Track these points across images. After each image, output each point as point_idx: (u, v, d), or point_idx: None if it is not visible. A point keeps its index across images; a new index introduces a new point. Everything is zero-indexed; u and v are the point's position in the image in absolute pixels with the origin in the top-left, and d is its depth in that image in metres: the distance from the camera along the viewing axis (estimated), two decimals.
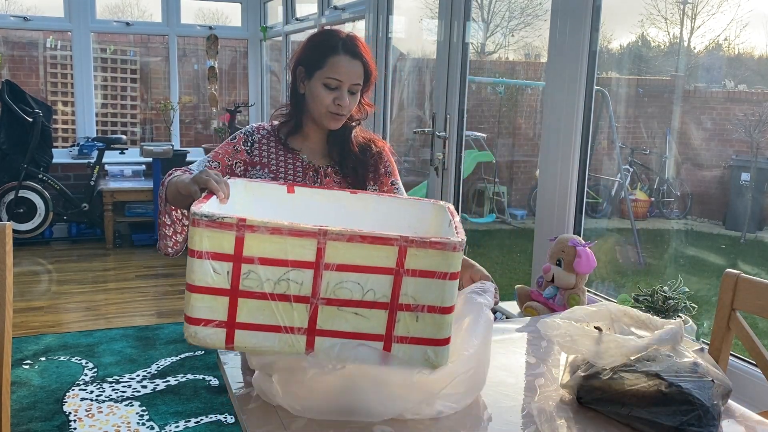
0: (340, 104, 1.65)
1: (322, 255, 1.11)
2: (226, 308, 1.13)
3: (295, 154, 1.75)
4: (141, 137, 6.73)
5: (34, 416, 2.81)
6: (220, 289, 1.12)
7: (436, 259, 1.12)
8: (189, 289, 1.13)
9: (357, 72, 1.66)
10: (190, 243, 1.12)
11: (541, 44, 6.24)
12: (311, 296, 1.13)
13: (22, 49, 6.42)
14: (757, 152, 4.72)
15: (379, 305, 1.14)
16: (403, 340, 1.15)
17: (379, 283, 1.13)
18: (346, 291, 1.13)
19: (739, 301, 1.52)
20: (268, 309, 1.13)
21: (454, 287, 1.14)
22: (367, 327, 1.15)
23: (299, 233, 1.11)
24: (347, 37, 1.67)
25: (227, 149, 1.72)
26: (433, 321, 1.14)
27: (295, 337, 1.14)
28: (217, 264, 1.11)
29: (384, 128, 3.66)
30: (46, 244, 5.52)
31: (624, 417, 1.19)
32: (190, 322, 1.14)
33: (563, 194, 2.28)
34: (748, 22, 4.68)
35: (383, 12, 3.52)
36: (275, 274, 1.12)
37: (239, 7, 6.28)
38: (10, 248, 1.54)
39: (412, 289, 1.13)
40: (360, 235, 1.11)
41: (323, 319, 1.14)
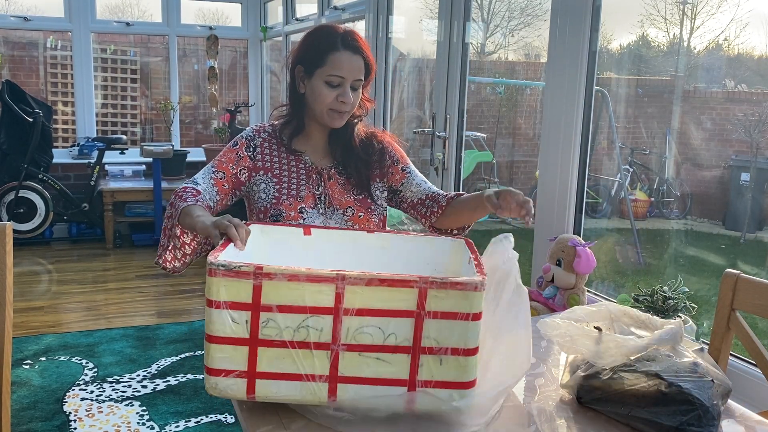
0: (344, 101, 1.63)
1: (341, 300, 1.10)
2: (245, 358, 1.12)
3: (298, 156, 1.73)
4: (141, 137, 6.73)
5: (34, 416, 2.81)
6: (239, 339, 1.11)
7: (458, 300, 1.09)
8: (208, 339, 1.13)
9: (358, 67, 1.64)
10: (207, 293, 1.11)
11: (541, 44, 6.24)
12: (332, 342, 1.11)
13: (22, 49, 6.43)
14: (757, 152, 4.72)
15: (401, 349, 1.11)
16: (427, 385, 1.12)
17: (401, 327, 1.11)
18: (367, 336, 1.11)
19: (739, 301, 1.52)
20: (289, 357, 1.12)
21: (477, 328, 1.11)
22: (389, 372, 1.12)
23: (317, 279, 1.09)
24: (346, 32, 1.65)
25: (230, 157, 1.70)
26: (457, 364, 1.11)
27: (316, 385, 1.12)
28: (236, 313, 1.10)
29: (384, 128, 3.66)
30: (46, 244, 5.52)
31: (624, 417, 1.19)
32: (211, 373, 1.13)
33: (563, 194, 2.28)
34: (747, 22, 4.68)
35: (383, 12, 3.52)
36: (294, 322, 1.11)
37: (239, 7, 6.28)
38: (10, 248, 1.54)
39: (434, 332, 1.11)
40: (379, 278, 1.09)
41: (345, 366, 1.12)
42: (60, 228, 5.62)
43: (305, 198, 1.68)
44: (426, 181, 1.81)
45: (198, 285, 4.60)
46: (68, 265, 5.01)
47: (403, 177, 1.78)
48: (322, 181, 1.71)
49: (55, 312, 4.06)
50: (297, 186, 1.69)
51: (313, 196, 1.69)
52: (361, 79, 1.65)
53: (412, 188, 1.77)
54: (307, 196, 1.69)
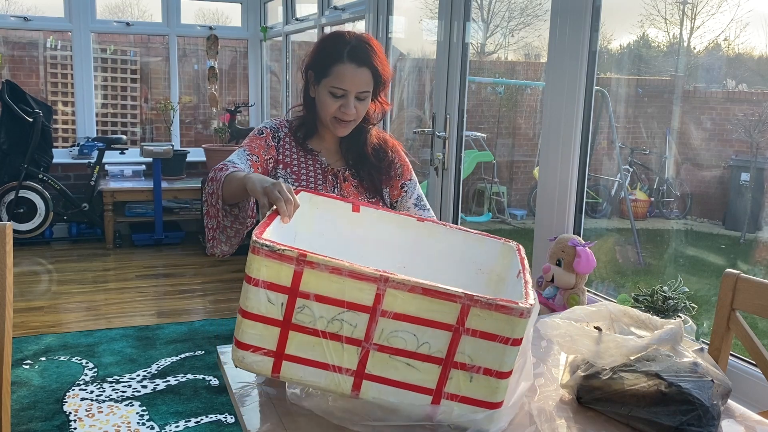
0: (346, 113, 1.62)
1: (380, 301, 1.08)
2: (276, 339, 1.11)
3: (314, 156, 1.73)
4: (141, 137, 6.73)
5: (34, 416, 2.81)
6: (272, 319, 1.10)
7: (500, 323, 1.06)
8: (242, 314, 1.12)
9: (363, 80, 1.62)
10: (247, 269, 1.10)
11: (541, 44, 6.25)
12: (364, 340, 1.10)
13: (22, 49, 6.42)
14: (757, 152, 4.72)
15: (433, 359, 1.10)
16: (453, 398, 1.11)
17: (436, 338, 1.08)
18: (401, 340, 1.09)
19: (739, 301, 1.52)
20: (318, 346, 1.11)
21: (514, 353, 1.09)
22: (417, 379, 1.11)
23: (359, 276, 1.07)
24: (356, 42, 1.62)
25: (260, 143, 1.69)
26: (487, 384, 1.09)
27: (342, 377, 1.12)
28: (273, 294, 1.09)
29: (384, 128, 3.67)
30: (46, 244, 5.52)
31: (624, 417, 1.19)
32: (239, 347, 1.13)
33: (563, 194, 2.28)
34: (748, 23, 4.68)
35: (383, 12, 3.52)
36: (330, 313, 1.09)
37: (239, 7, 6.28)
38: (10, 248, 1.54)
39: (469, 349, 1.08)
40: (423, 287, 1.06)
41: (373, 364, 1.11)
42: (60, 228, 5.62)
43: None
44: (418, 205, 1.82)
45: (198, 285, 4.60)
46: (68, 265, 5.01)
47: (399, 194, 1.80)
48: (338, 182, 1.72)
49: (55, 312, 4.06)
50: (315, 186, 1.70)
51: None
52: (367, 91, 1.63)
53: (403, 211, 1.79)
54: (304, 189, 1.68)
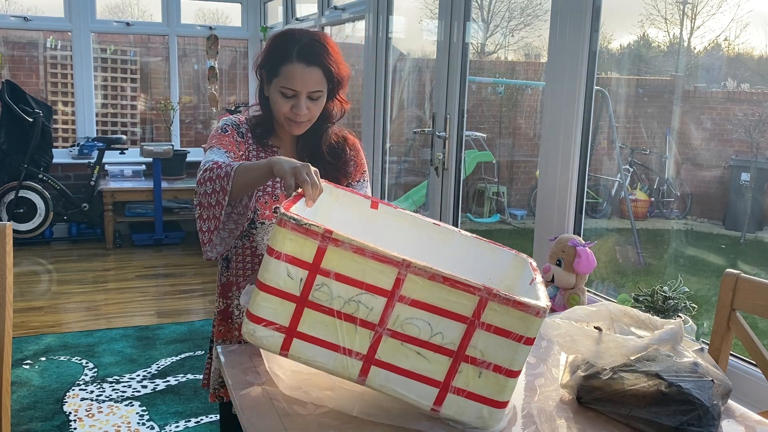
0: (297, 113, 1.58)
1: (400, 286, 1.08)
2: (290, 315, 1.11)
3: (273, 153, 1.70)
4: (141, 137, 6.73)
5: (34, 416, 2.81)
6: (289, 294, 1.10)
7: (516, 320, 1.06)
8: (258, 286, 1.11)
9: (314, 79, 1.57)
10: (271, 242, 1.10)
11: (541, 44, 6.25)
12: (378, 324, 1.10)
13: (22, 49, 6.42)
14: (757, 152, 4.72)
15: (444, 350, 1.09)
16: (460, 392, 1.10)
17: (450, 329, 1.08)
18: (414, 328, 1.09)
19: (739, 301, 1.52)
20: (332, 326, 1.10)
21: (526, 352, 1.09)
22: (426, 369, 1.10)
23: (382, 259, 1.07)
24: (306, 41, 1.57)
25: (230, 140, 1.64)
26: (496, 381, 1.09)
27: (350, 361, 1.11)
28: (294, 269, 1.09)
29: (384, 128, 3.66)
30: (46, 244, 5.52)
31: (624, 417, 1.19)
32: (251, 319, 1.12)
33: (563, 194, 2.28)
34: (748, 22, 4.68)
35: (383, 12, 3.52)
36: (348, 293, 1.09)
37: (239, 7, 6.28)
38: (10, 248, 1.54)
39: (482, 344, 1.08)
40: (443, 276, 1.07)
41: (384, 350, 1.10)
42: (60, 228, 5.62)
43: (281, 198, 1.65)
44: None
45: (198, 285, 4.60)
46: (68, 265, 5.01)
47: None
48: None
49: (55, 312, 4.06)
50: (273, 185, 1.66)
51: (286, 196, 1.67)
52: (320, 91, 1.59)
53: None
54: (282, 195, 1.65)
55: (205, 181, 1.49)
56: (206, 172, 1.49)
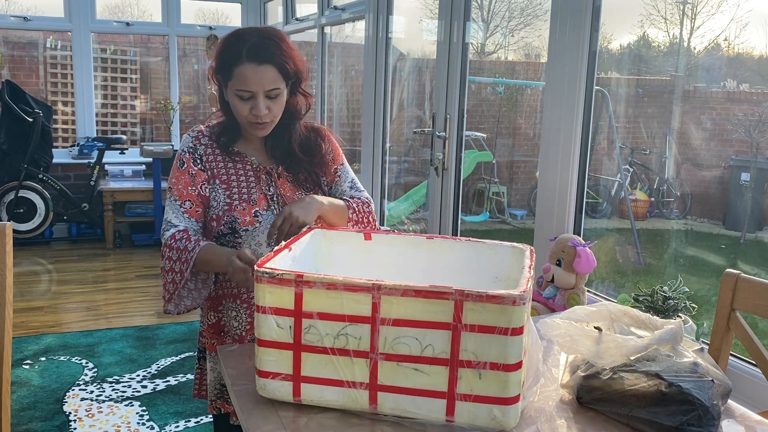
0: (257, 114, 1.54)
1: (378, 309, 1.11)
2: (290, 362, 1.16)
3: (243, 158, 1.66)
4: (141, 137, 6.73)
5: (34, 416, 2.81)
6: (284, 343, 1.16)
7: (495, 314, 1.07)
8: (258, 343, 1.18)
9: (268, 78, 1.52)
10: (256, 299, 1.16)
11: (541, 44, 6.25)
12: (370, 351, 1.12)
13: (22, 49, 6.43)
14: (757, 152, 4.72)
15: (439, 361, 1.11)
16: (466, 398, 1.11)
17: (438, 339, 1.10)
18: (404, 346, 1.11)
19: (739, 301, 1.52)
20: (330, 363, 1.15)
21: (517, 343, 1.08)
22: (428, 383, 1.12)
23: (353, 288, 1.11)
24: (256, 39, 1.53)
25: (185, 180, 1.61)
26: (497, 379, 1.09)
27: (357, 392, 1.14)
28: (280, 319, 1.15)
29: (384, 128, 3.66)
30: (46, 244, 5.52)
31: (624, 417, 1.19)
32: (260, 375, 1.19)
33: (563, 194, 2.28)
34: (747, 22, 4.69)
35: (383, 12, 3.52)
36: (334, 329, 1.13)
37: (239, 7, 6.28)
38: (10, 248, 1.54)
39: (472, 345, 1.09)
40: (414, 290, 1.09)
41: (384, 374, 1.13)
42: (60, 228, 5.62)
43: (258, 201, 1.63)
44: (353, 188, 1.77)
45: None
46: (68, 265, 5.01)
47: (333, 179, 1.75)
48: (273, 180, 1.66)
49: (55, 312, 4.06)
50: (248, 189, 1.63)
51: (265, 198, 1.64)
52: (277, 88, 1.54)
53: (337, 195, 1.74)
54: (260, 198, 1.63)
55: (166, 251, 1.56)
56: (165, 246, 1.57)
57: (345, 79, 6.12)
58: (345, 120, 6.06)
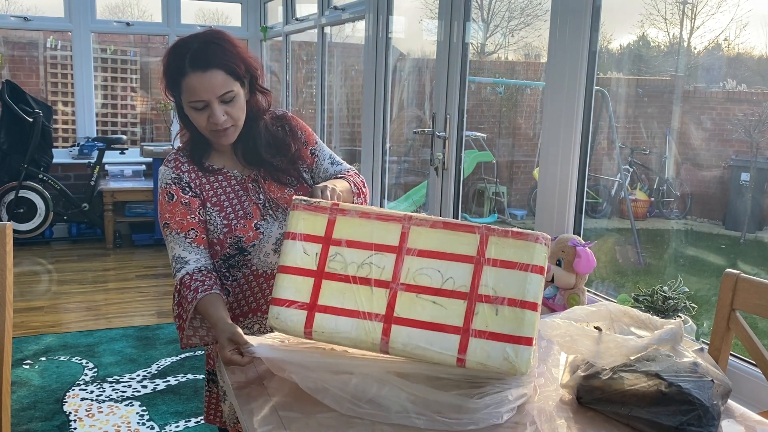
0: (216, 122, 1.49)
1: (405, 239, 1.15)
2: (310, 289, 1.19)
3: (225, 174, 1.61)
4: (141, 137, 6.73)
5: (34, 416, 2.81)
6: (307, 270, 1.19)
7: (519, 250, 1.11)
8: (280, 270, 1.22)
9: (217, 82, 1.46)
10: (287, 226, 1.24)
11: (541, 44, 6.25)
12: (391, 281, 1.15)
13: (22, 49, 6.43)
14: (757, 152, 4.72)
15: (457, 294, 1.13)
16: (481, 335, 1.12)
17: (460, 272, 1.13)
18: (426, 278, 1.14)
19: (739, 301, 1.52)
20: (350, 292, 1.17)
21: (536, 281, 1.11)
22: (444, 317, 1.13)
23: (386, 217, 1.17)
24: (197, 46, 1.48)
25: (182, 211, 1.55)
26: (513, 315, 1.11)
27: (372, 324, 1.15)
28: (309, 245, 1.20)
29: (384, 128, 3.66)
30: (46, 244, 5.52)
31: (624, 417, 1.19)
32: (275, 303, 1.21)
33: (563, 194, 2.28)
34: (747, 22, 4.68)
35: (383, 12, 3.52)
36: (360, 257, 1.17)
37: (239, 7, 6.28)
38: (10, 248, 1.54)
39: (492, 280, 1.12)
40: (443, 222, 1.15)
41: (401, 306, 1.14)
42: (60, 228, 5.62)
43: (253, 213, 1.59)
44: (333, 163, 1.72)
45: None
46: (68, 265, 5.01)
47: (312, 161, 1.70)
48: (261, 187, 1.62)
49: (55, 312, 4.06)
50: (241, 205, 1.59)
51: (258, 208, 1.60)
52: (230, 91, 1.48)
53: (320, 174, 1.70)
54: (254, 210, 1.59)
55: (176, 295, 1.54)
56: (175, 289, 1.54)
57: (345, 79, 6.12)
58: (345, 120, 6.06)
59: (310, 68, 5.87)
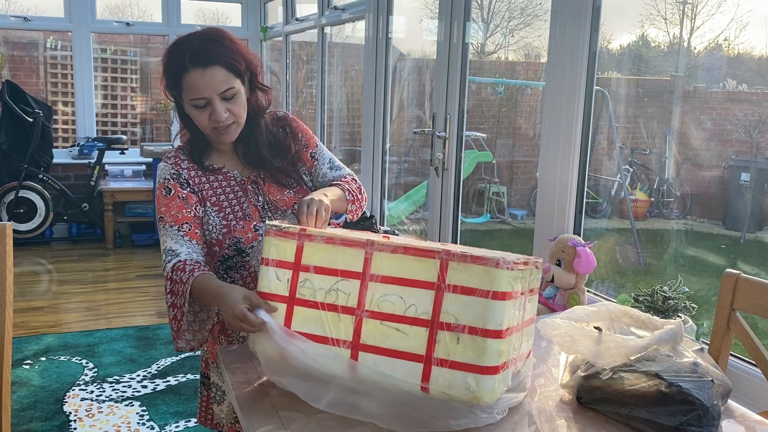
0: (218, 119, 1.49)
1: (369, 265, 1.15)
2: (283, 315, 1.21)
3: (225, 174, 1.61)
4: (141, 137, 6.73)
5: (34, 416, 2.81)
6: (280, 296, 1.22)
7: (478, 276, 1.07)
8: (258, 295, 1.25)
9: (218, 80, 1.46)
10: (263, 252, 1.25)
11: (541, 44, 6.25)
12: (357, 307, 1.16)
13: (22, 49, 6.43)
14: (757, 152, 4.72)
15: (420, 322, 1.11)
16: (443, 363, 1.09)
17: (421, 298, 1.11)
18: (389, 304, 1.14)
19: (739, 301, 1.52)
20: (319, 319, 1.19)
21: (499, 308, 1.06)
22: (407, 345, 1.12)
23: (350, 243, 1.17)
24: (197, 43, 1.48)
25: (178, 205, 1.53)
26: (474, 344, 1.07)
27: (339, 351, 1.16)
28: (281, 271, 1.22)
29: (384, 128, 3.66)
30: (46, 244, 5.52)
31: (624, 417, 1.19)
32: None
33: (563, 194, 2.28)
34: (747, 22, 4.68)
35: (383, 12, 3.52)
36: (327, 283, 1.18)
37: (239, 7, 6.28)
38: (10, 248, 1.55)
39: (453, 307, 1.08)
40: (404, 246, 1.13)
41: (367, 333, 1.15)
42: (60, 228, 5.62)
43: (252, 215, 1.58)
44: (332, 168, 1.71)
45: None
46: (68, 265, 5.01)
47: (312, 165, 1.69)
48: (260, 189, 1.61)
49: (55, 312, 4.06)
50: (240, 206, 1.58)
51: (257, 210, 1.59)
52: (231, 88, 1.48)
53: (319, 178, 1.69)
54: (253, 211, 1.59)
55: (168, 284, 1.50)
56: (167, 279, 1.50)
57: (345, 79, 6.12)
58: (345, 120, 6.06)
59: (310, 68, 5.87)
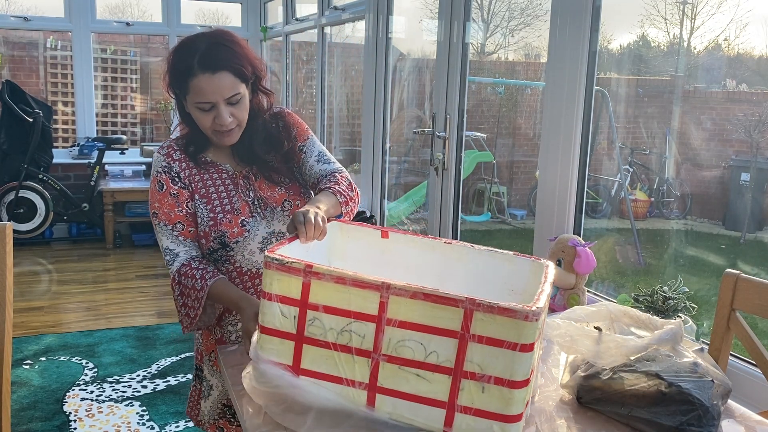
0: (221, 123, 1.50)
1: (385, 309, 1.07)
2: (291, 352, 1.13)
3: (217, 167, 1.62)
4: (141, 137, 6.73)
5: (34, 416, 2.81)
6: (287, 333, 1.13)
7: (506, 328, 1.02)
8: (261, 330, 1.15)
9: (225, 85, 1.47)
10: (263, 285, 1.14)
11: (541, 44, 6.25)
12: (373, 351, 1.09)
13: (22, 49, 6.43)
14: (757, 152, 4.72)
15: (442, 369, 1.06)
16: (467, 411, 1.06)
17: (443, 346, 1.06)
18: (408, 350, 1.07)
19: (739, 301, 1.52)
20: (331, 359, 1.11)
21: (526, 360, 1.04)
22: (429, 391, 1.08)
23: (362, 285, 1.08)
24: (205, 47, 1.47)
25: (170, 202, 1.56)
26: (500, 394, 1.04)
27: (356, 391, 1.11)
28: (285, 308, 1.12)
29: (384, 128, 3.66)
30: (46, 244, 5.52)
31: (624, 417, 1.19)
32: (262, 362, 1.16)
33: (563, 194, 2.28)
34: (747, 22, 4.69)
35: (383, 12, 3.52)
36: (338, 324, 1.10)
37: (239, 7, 6.28)
38: (10, 248, 1.54)
39: (478, 357, 1.04)
40: (423, 293, 1.05)
41: (384, 377, 1.09)
42: (60, 228, 5.62)
43: (241, 209, 1.58)
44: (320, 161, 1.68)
45: None
46: (68, 265, 5.01)
47: (299, 158, 1.68)
48: (251, 184, 1.61)
49: (55, 312, 4.06)
50: (229, 199, 1.59)
51: (247, 205, 1.59)
52: (237, 94, 1.49)
53: (306, 171, 1.67)
54: (242, 206, 1.59)
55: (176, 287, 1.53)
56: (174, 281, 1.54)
57: (345, 79, 6.12)
58: (345, 120, 6.06)
59: (310, 68, 5.87)
